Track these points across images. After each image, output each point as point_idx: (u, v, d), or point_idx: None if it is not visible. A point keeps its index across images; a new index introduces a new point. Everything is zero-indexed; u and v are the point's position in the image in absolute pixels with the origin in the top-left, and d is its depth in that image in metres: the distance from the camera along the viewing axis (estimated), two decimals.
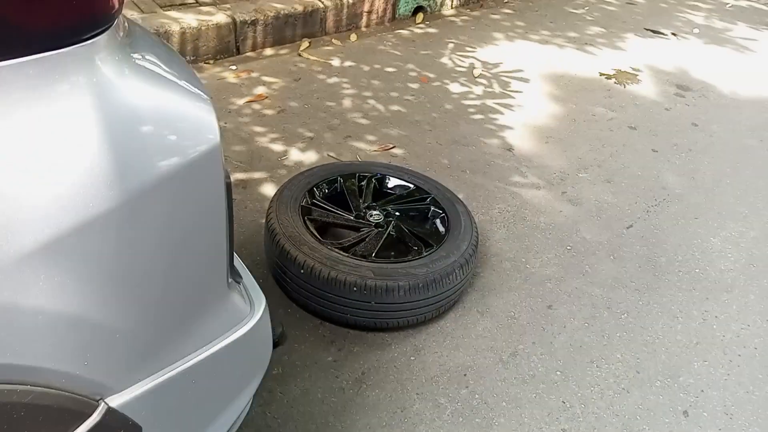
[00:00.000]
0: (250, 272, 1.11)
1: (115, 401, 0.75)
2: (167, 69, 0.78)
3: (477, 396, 1.66)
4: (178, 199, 0.75)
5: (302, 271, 1.71)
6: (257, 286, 1.08)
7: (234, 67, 3.22)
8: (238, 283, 1.03)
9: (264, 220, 1.91)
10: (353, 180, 2.17)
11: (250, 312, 1.01)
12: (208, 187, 0.80)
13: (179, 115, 0.74)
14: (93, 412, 0.72)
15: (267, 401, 1.56)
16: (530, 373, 1.76)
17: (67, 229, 0.63)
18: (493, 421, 1.60)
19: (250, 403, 1.08)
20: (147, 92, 0.71)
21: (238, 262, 1.09)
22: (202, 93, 0.80)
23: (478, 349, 1.81)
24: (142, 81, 0.72)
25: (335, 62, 3.44)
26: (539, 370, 1.77)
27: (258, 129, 2.73)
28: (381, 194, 2.19)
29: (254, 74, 3.18)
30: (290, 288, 1.82)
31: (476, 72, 3.60)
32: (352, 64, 3.45)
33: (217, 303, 0.92)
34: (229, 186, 0.86)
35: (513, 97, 3.37)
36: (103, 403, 0.74)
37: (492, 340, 1.85)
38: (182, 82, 0.78)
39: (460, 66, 3.64)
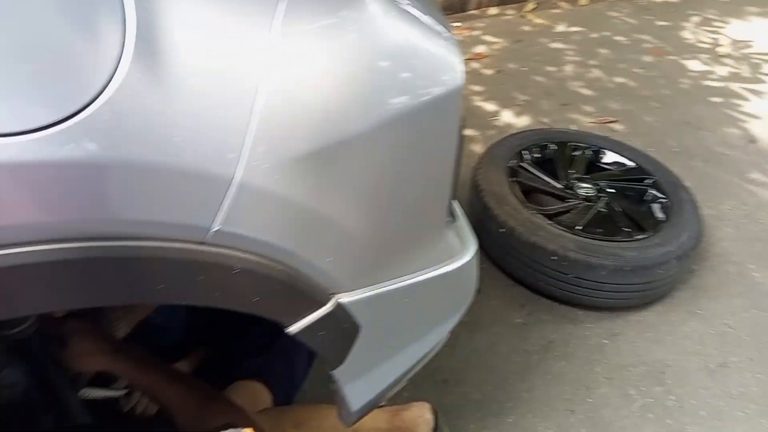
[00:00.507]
0: None
1: (344, 299, 0.83)
2: (425, 12, 0.82)
3: (673, 397, 1.52)
4: (420, 131, 0.80)
5: (502, 230, 1.70)
6: (470, 231, 1.10)
7: (457, 24, 3.24)
8: (454, 222, 1.05)
9: (471, 176, 1.92)
10: (566, 149, 2.08)
11: (462, 251, 1.03)
12: (447, 126, 0.84)
13: (433, 55, 0.78)
14: (327, 303, 0.81)
15: (454, 344, 1.60)
16: (740, 390, 1.55)
17: (328, 142, 0.70)
18: (686, 427, 1.45)
19: (445, 339, 1.12)
20: (408, 32, 0.76)
21: (456, 206, 1.11)
22: (453, 37, 0.83)
23: (682, 350, 1.64)
24: (404, 21, 0.76)
25: (561, 26, 3.27)
26: (752, 390, 1.55)
27: (474, 87, 2.73)
28: (594, 167, 2.07)
29: (475, 33, 3.17)
30: (488, 245, 1.82)
31: (721, 50, 3.16)
32: (579, 29, 3.25)
33: (435, 235, 0.96)
34: (462, 128, 0.87)
35: (764, 82, 2.90)
36: (334, 299, 0.82)
37: (700, 344, 1.66)
38: (438, 27, 0.81)
39: (702, 42, 3.23)
